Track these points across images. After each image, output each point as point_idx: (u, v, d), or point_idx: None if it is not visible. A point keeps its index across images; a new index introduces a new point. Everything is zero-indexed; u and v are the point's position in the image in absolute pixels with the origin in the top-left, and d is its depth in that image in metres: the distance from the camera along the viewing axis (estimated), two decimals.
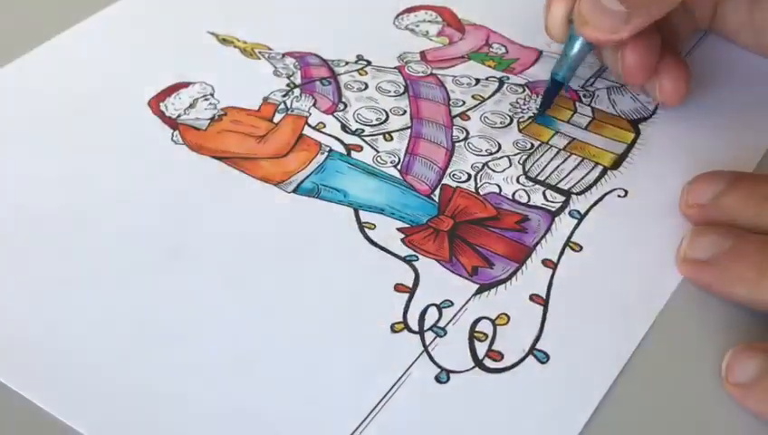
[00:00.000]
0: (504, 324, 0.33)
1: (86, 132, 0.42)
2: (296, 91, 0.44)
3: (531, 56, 0.46)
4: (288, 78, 0.44)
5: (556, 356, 0.32)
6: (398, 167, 0.40)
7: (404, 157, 0.40)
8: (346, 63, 0.45)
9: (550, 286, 0.35)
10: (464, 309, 0.34)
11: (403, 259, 0.36)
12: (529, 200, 0.38)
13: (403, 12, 0.49)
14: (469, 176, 0.39)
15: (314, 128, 0.42)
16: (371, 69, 0.45)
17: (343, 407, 0.31)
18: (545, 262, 0.36)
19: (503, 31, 0.47)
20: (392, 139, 0.41)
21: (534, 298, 0.34)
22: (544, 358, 0.32)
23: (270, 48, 0.46)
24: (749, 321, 0.33)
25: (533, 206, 0.38)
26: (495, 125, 0.42)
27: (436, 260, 0.36)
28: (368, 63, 0.45)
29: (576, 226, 0.37)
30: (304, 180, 0.39)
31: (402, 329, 0.33)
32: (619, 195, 0.38)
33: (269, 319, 0.34)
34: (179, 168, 0.40)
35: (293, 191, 0.39)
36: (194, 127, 0.42)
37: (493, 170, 0.40)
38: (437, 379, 0.32)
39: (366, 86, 0.44)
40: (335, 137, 0.41)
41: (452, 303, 0.34)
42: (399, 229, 0.37)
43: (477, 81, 0.44)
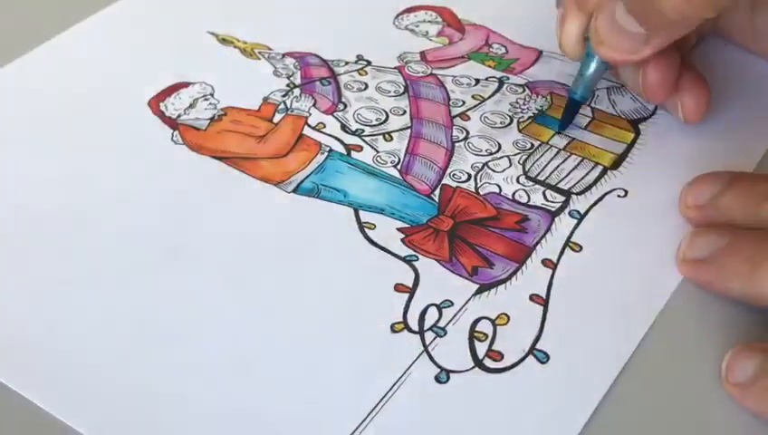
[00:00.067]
0: (504, 324, 0.33)
1: (86, 132, 0.42)
2: (296, 91, 0.44)
3: (531, 56, 0.46)
4: (288, 78, 0.44)
5: (556, 356, 0.32)
6: (398, 167, 0.40)
7: (404, 157, 0.40)
8: (346, 63, 0.45)
9: (550, 286, 0.35)
10: (464, 309, 0.34)
11: (403, 259, 0.36)
12: (529, 200, 0.38)
13: (403, 12, 0.49)
14: (469, 176, 0.39)
15: (314, 128, 0.42)
16: (371, 69, 0.45)
17: (343, 407, 0.31)
18: (545, 262, 0.36)
19: (503, 31, 0.47)
20: (392, 139, 0.41)
21: (534, 298, 0.34)
22: (544, 358, 0.32)
23: (270, 48, 0.46)
24: (749, 321, 0.33)
25: (533, 206, 0.38)
26: (495, 125, 0.42)
27: (436, 260, 0.36)
28: (368, 63, 0.45)
29: (576, 226, 0.37)
30: (304, 180, 0.39)
31: (402, 329, 0.33)
32: (619, 195, 0.38)
33: (269, 319, 0.34)
34: (179, 168, 0.40)
35: (293, 191, 0.39)
36: (194, 127, 0.42)
37: (493, 170, 0.40)
38: (437, 379, 0.32)
39: (366, 86, 0.44)
40: (335, 137, 0.41)
41: (452, 303, 0.34)
42: (399, 229, 0.37)
43: (477, 81, 0.44)
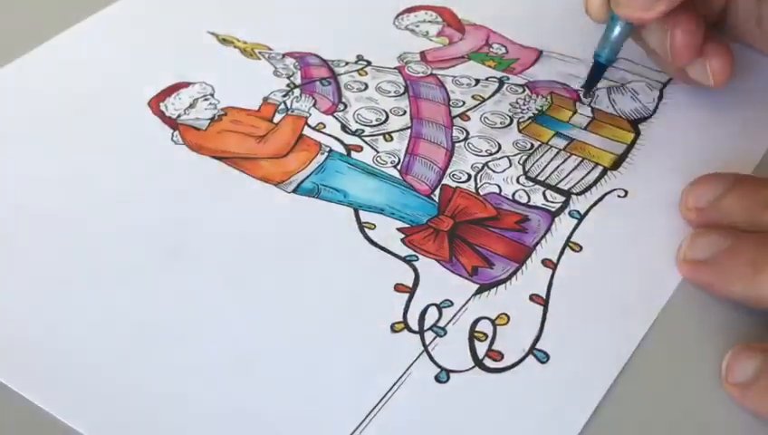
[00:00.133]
0: (504, 324, 0.33)
1: (86, 132, 0.42)
2: (296, 91, 0.44)
3: (531, 56, 0.46)
4: (288, 78, 0.44)
5: (556, 356, 0.32)
6: (398, 167, 0.40)
7: (404, 157, 0.40)
8: (346, 64, 0.45)
9: (550, 286, 0.35)
10: (464, 309, 0.34)
11: (403, 259, 0.36)
12: (529, 200, 0.38)
13: (403, 12, 0.49)
14: (469, 176, 0.39)
15: (314, 128, 0.42)
16: (371, 69, 0.45)
17: (343, 407, 0.31)
18: (545, 262, 0.36)
19: (503, 31, 0.47)
20: (392, 139, 0.41)
21: (534, 298, 0.34)
22: (544, 358, 0.32)
23: (270, 48, 0.46)
24: (749, 321, 0.33)
25: (533, 206, 0.38)
26: (495, 125, 0.42)
27: (436, 260, 0.36)
28: (368, 64, 0.45)
29: (576, 226, 0.37)
30: (304, 180, 0.39)
31: (402, 329, 0.33)
32: (619, 195, 0.38)
33: (269, 319, 0.34)
34: (179, 168, 0.40)
35: (293, 191, 0.39)
36: (194, 127, 0.42)
37: (493, 171, 0.39)
38: (437, 379, 0.32)
39: (366, 86, 0.44)
40: (335, 137, 0.41)
41: (452, 303, 0.34)
42: (399, 229, 0.37)
43: (477, 81, 0.44)
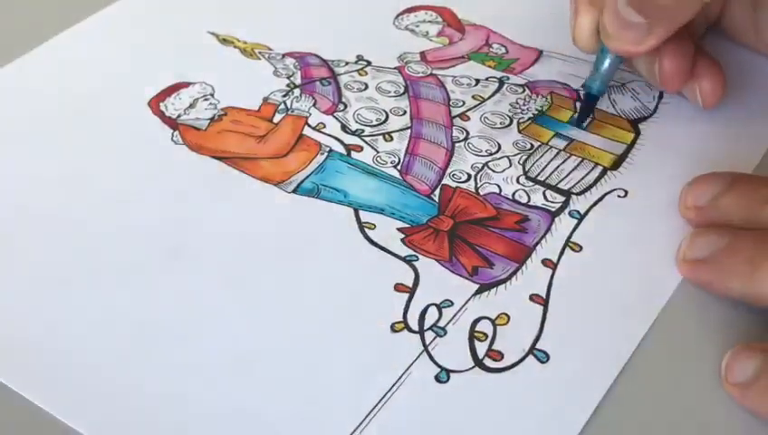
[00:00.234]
0: (504, 324, 0.33)
1: (86, 132, 0.42)
2: (296, 91, 0.44)
3: (531, 56, 0.46)
4: (288, 78, 0.44)
5: (556, 356, 0.32)
6: (398, 167, 0.40)
7: (404, 157, 0.40)
8: (346, 64, 0.45)
9: (550, 286, 0.35)
10: (464, 309, 0.34)
11: (403, 259, 0.36)
12: (529, 200, 0.38)
13: (403, 12, 0.49)
14: (469, 176, 0.39)
15: (314, 128, 0.42)
16: (371, 69, 0.45)
17: (343, 407, 0.31)
18: (545, 262, 0.36)
19: (503, 31, 0.47)
20: (392, 139, 0.41)
21: (534, 298, 0.34)
22: (544, 358, 0.32)
23: (270, 48, 0.46)
24: (748, 321, 0.33)
25: (533, 206, 0.38)
26: (495, 125, 0.42)
27: (436, 260, 0.36)
28: (368, 64, 0.45)
29: (576, 226, 0.37)
30: (304, 180, 0.39)
31: (402, 329, 0.33)
32: (619, 195, 0.38)
33: (269, 319, 0.34)
34: (179, 168, 0.40)
35: (293, 191, 0.39)
36: (194, 127, 0.42)
37: (493, 171, 0.39)
38: (437, 378, 0.32)
39: (366, 86, 0.44)
40: (335, 137, 0.41)
41: (452, 302, 0.34)
42: (399, 229, 0.37)
43: (477, 81, 0.44)
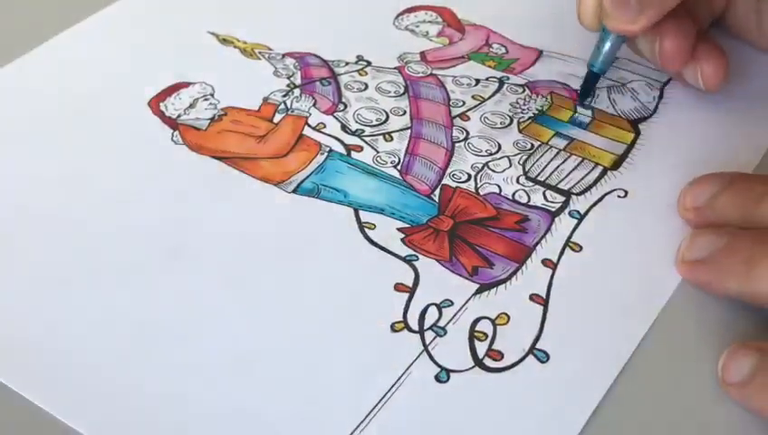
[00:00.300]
0: (504, 324, 0.33)
1: (86, 132, 0.42)
2: (296, 91, 0.44)
3: (531, 56, 0.46)
4: (288, 78, 0.44)
5: (556, 356, 0.32)
6: (398, 167, 0.40)
7: (404, 157, 0.40)
8: (346, 64, 0.45)
9: (550, 286, 0.35)
10: (464, 309, 0.34)
11: (403, 259, 0.36)
12: (529, 200, 0.38)
13: (403, 12, 0.49)
14: (469, 176, 0.39)
15: (314, 128, 0.42)
16: (371, 69, 0.45)
17: (343, 407, 0.31)
18: (545, 262, 0.36)
19: (503, 31, 0.47)
20: (392, 139, 0.41)
21: (534, 298, 0.34)
22: (544, 358, 0.32)
23: (270, 48, 0.46)
24: (748, 321, 0.33)
25: (533, 206, 0.38)
26: (495, 125, 0.42)
27: (436, 260, 0.36)
28: (368, 64, 0.45)
29: (576, 226, 0.37)
30: (304, 180, 0.39)
31: (402, 328, 0.33)
32: (619, 195, 0.38)
33: (269, 319, 0.34)
34: (179, 168, 0.40)
35: (293, 191, 0.39)
36: (194, 127, 0.42)
37: (493, 171, 0.39)
38: (437, 378, 0.32)
39: (366, 86, 0.44)
40: (335, 137, 0.41)
41: (452, 302, 0.34)
42: (399, 229, 0.37)
43: (477, 81, 0.44)
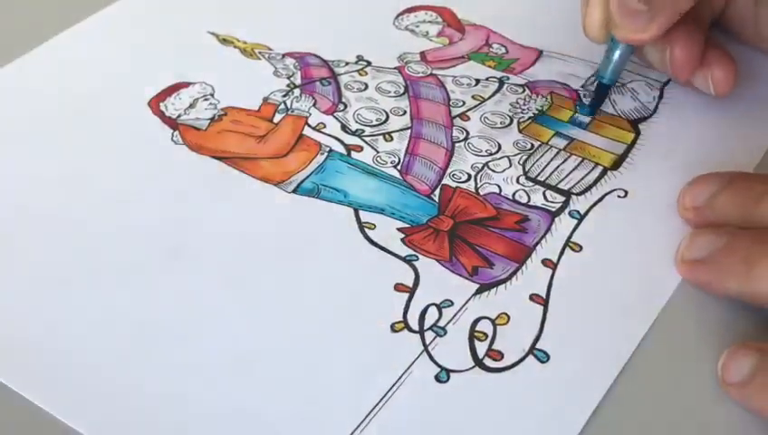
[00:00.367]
0: (504, 324, 0.33)
1: (86, 132, 0.42)
2: (296, 91, 0.44)
3: (531, 56, 0.46)
4: (288, 78, 0.44)
5: (556, 356, 0.32)
6: (398, 167, 0.40)
7: (404, 157, 0.40)
8: (346, 64, 0.45)
9: (550, 286, 0.35)
10: (464, 309, 0.34)
11: (403, 259, 0.36)
12: (529, 200, 0.38)
13: (403, 12, 0.49)
14: (469, 176, 0.39)
15: (314, 128, 0.42)
16: (371, 69, 0.45)
17: (343, 407, 0.31)
18: (545, 262, 0.36)
19: (503, 31, 0.47)
20: (392, 139, 0.41)
21: (534, 298, 0.34)
22: (544, 358, 0.32)
23: (270, 48, 0.46)
24: (748, 321, 0.33)
25: (533, 206, 0.38)
26: (495, 125, 0.42)
27: (436, 260, 0.36)
28: (368, 64, 0.45)
29: (576, 226, 0.37)
30: (304, 180, 0.39)
31: (402, 328, 0.33)
32: (619, 195, 0.38)
33: (269, 319, 0.34)
34: (179, 168, 0.40)
35: (293, 191, 0.39)
36: (194, 127, 0.42)
37: (493, 171, 0.39)
38: (437, 378, 0.32)
39: (366, 86, 0.44)
40: (335, 137, 0.41)
41: (452, 302, 0.34)
42: (399, 229, 0.37)
43: (477, 81, 0.44)
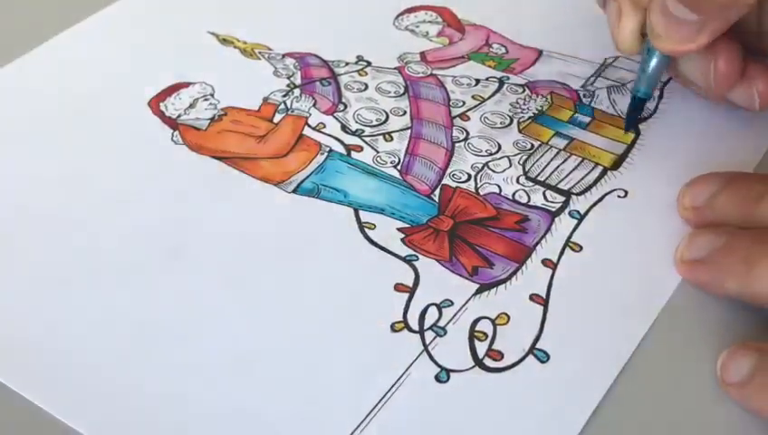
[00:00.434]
0: (504, 324, 0.33)
1: (86, 132, 0.42)
2: (296, 91, 0.44)
3: (531, 56, 0.46)
4: (288, 78, 0.44)
5: (556, 356, 0.32)
6: (398, 167, 0.40)
7: (404, 157, 0.40)
8: (346, 64, 0.45)
9: (550, 286, 0.35)
10: (464, 309, 0.34)
11: (403, 259, 0.36)
12: (529, 200, 0.38)
13: (403, 12, 0.49)
14: (469, 176, 0.39)
15: (314, 128, 0.42)
16: (371, 69, 0.45)
17: (343, 407, 0.31)
18: (545, 262, 0.36)
19: (503, 31, 0.47)
20: (392, 139, 0.41)
21: (534, 298, 0.34)
22: (544, 357, 0.32)
23: (270, 48, 0.46)
24: (748, 321, 0.33)
25: (533, 206, 0.38)
26: (495, 125, 0.42)
27: (436, 260, 0.36)
28: (368, 64, 0.45)
29: (576, 226, 0.37)
30: (304, 180, 0.39)
31: (402, 328, 0.33)
32: (619, 195, 0.38)
33: (269, 319, 0.34)
34: (179, 168, 0.40)
35: (293, 191, 0.39)
36: (194, 127, 0.42)
37: (493, 171, 0.40)
38: (437, 378, 0.32)
39: (366, 87, 0.44)
40: (335, 137, 0.41)
41: (452, 302, 0.34)
42: (399, 229, 0.37)
43: (477, 81, 0.44)
